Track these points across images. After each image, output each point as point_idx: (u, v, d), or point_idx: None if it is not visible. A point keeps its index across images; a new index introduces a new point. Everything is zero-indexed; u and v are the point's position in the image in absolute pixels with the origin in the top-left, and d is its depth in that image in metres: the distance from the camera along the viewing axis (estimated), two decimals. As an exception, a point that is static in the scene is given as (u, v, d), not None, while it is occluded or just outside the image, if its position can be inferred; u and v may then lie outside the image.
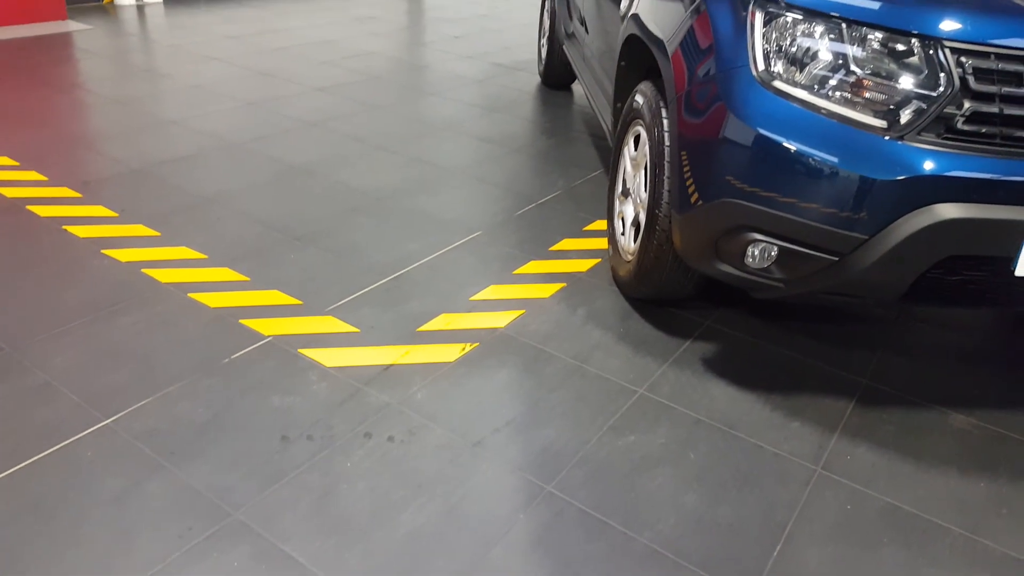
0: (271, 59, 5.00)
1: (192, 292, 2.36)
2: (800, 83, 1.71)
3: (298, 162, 3.40)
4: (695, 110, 1.92)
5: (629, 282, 2.40)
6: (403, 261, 2.62)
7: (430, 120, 4.07)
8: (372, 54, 5.28)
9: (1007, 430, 1.99)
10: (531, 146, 3.80)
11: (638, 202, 2.35)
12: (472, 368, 2.09)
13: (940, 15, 1.63)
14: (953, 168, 1.60)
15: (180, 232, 2.72)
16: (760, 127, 1.73)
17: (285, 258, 2.60)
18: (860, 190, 1.64)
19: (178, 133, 3.65)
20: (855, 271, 1.71)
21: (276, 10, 6.45)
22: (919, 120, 1.62)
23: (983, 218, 1.60)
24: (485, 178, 3.36)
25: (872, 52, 1.67)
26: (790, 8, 1.73)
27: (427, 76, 4.89)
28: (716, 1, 1.92)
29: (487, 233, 2.86)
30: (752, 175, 1.77)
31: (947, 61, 1.61)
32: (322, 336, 2.19)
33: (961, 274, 1.73)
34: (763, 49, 1.76)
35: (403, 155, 3.56)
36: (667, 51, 2.08)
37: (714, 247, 1.92)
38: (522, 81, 4.91)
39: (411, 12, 6.88)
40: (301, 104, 4.17)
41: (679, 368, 2.16)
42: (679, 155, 1.99)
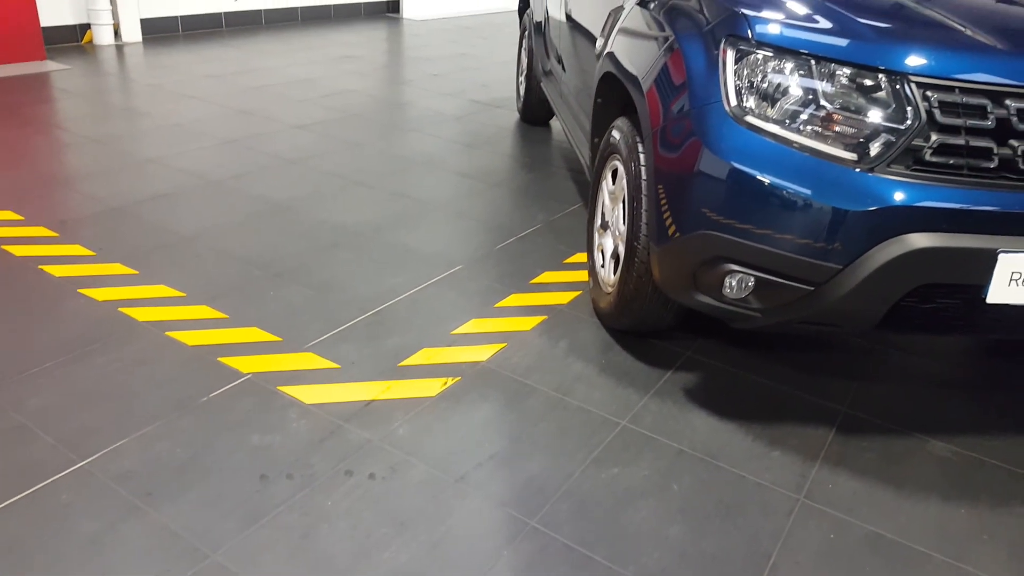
0: (250, 98, 5.02)
1: (170, 330, 2.34)
2: (772, 118, 1.76)
3: (277, 199, 3.40)
4: (671, 145, 1.96)
5: (610, 314, 2.41)
6: (384, 296, 2.62)
7: (410, 156, 4.10)
8: (351, 92, 5.33)
9: (985, 456, 2.01)
10: (511, 181, 3.84)
11: (617, 235, 2.38)
12: (454, 402, 2.09)
13: (906, 51, 1.69)
14: (922, 199, 1.64)
15: (158, 270, 2.71)
16: (734, 161, 1.77)
17: (264, 295, 2.59)
18: (833, 221, 1.67)
19: (156, 171, 3.65)
20: (830, 300, 1.74)
21: (255, 50, 6.50)
22: (888, 152, 1.66)
23: (953, 247, 1.64)
24: (465, 212, 3.38)
25: (841, 87, 1.72)
26: (760, 46, 1.78)
27: (406, 113, 4.94)
28: (689, 40, 1.97)
29: (468, 267, 2.87)
30: (727, 208, 1.80)
31: (914, 95, 1.66)
32: (302, 373, 2.17)
33: (935, 302, 1.77)
34: (735, 85, 1.80)
35: (383, 191, 3.58)
36: (642, 88, 2.13)
37: (692, 278, 1.94)
38: (501, 118, 4.97)
39: (390, 51, 6.96)
40: (280, 142, 4.19)
41: (661, 399, 2.16)
42: (656, 189, 2.02)
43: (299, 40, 7.03)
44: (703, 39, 1.92)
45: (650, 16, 2.26)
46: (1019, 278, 1.67)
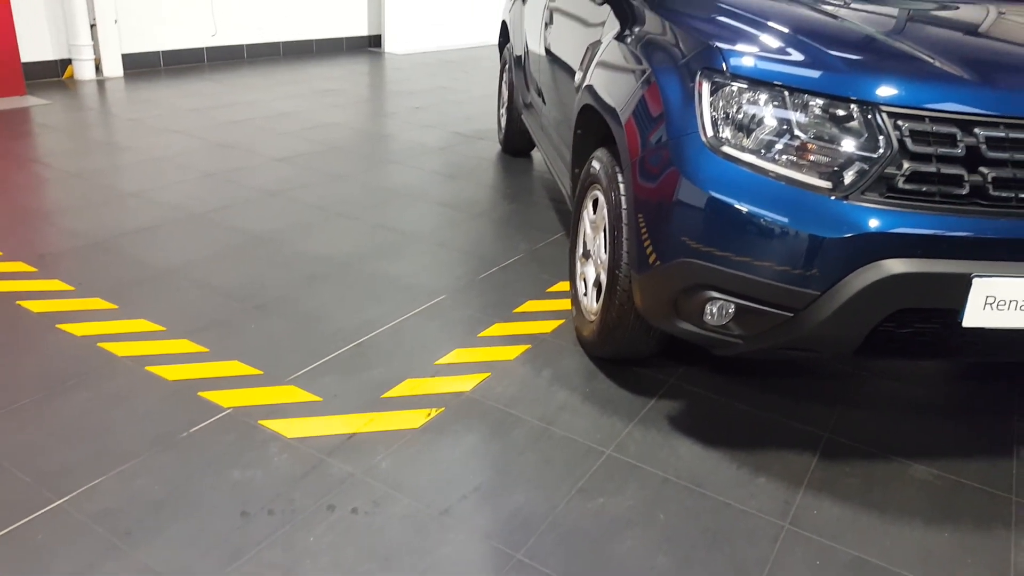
0: (232, 131, 5.04)
1: (150, 365, 2.32)
2: (748, 148, 1.79)
3: (259, 231, 3.40)
4: (649, 175, 1.99)
5: (593, 342, 2.42)
6: (366, 327, 2.61)
7: (392, 187, 4.11)
8: (333, 125, 5.36)
9: (966, 479, 2.03)
10: (493, 211, 3.86)
11: (599, 263, 2.39)
12: (438, 434, 2.07)
13: (876, 82, 1.73)
14: (897, 225, 1.67)
15: (138, 305, 2.69)
16: (711, 190, 1.80)
17: (246, 328, 2.57)
18: (810, 248, 1.70)
19: (137, 205, 3.64)
20: (810, 326, 1.75)
21: (237, 84, 6.53)
22: (862, 180, 1.70)
23: (928, 272, 1.67)
24: (448, 243, 3.40)
25: (814, 118, 1.75)
26: (735, 78, 1.82)
27: (388, 145, 4.97)
28: (665, 72, 2.01)
29: (451, 297, 2.87)
30: (706, 236, 1.82)
31: (885, 125, 1.70)
32: (283, 406, 2.15)
33: (912, 327, 1.79)
34: (711, 116, 1.84)
35: (365, 222, 3.59)
36: (620, 120, 2.16)
37: (674, 306, 1.96)
38: (483, 149, 5.01)
39: (372, 85, 7.02)
40: (262, 175, 4.19)
41: (645, 427, 2.16)
42: (636, 218, 2.04)
43: (281, 74, 7.08)
44: (679, 72, 1.96)
45: (627, 50, 2.30)
46: (993, 302, 1.70)
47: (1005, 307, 1.70)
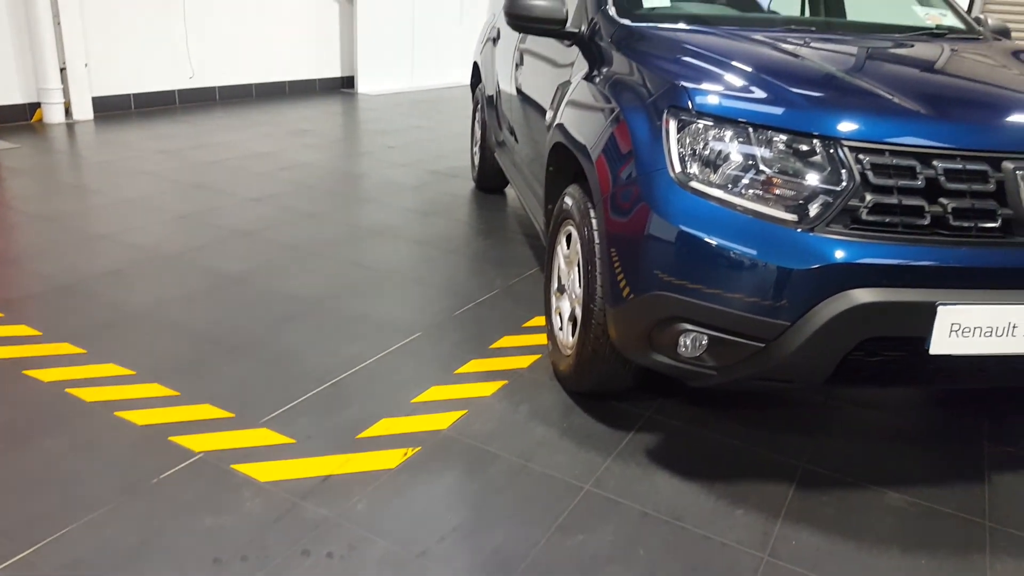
0: (204, 172, 5.03)
1: (119, 410, 2.28)
2: (715, 183, 1.83)
3: (231, 272, 3.38)
4: (621, 210, 2.02)
5: (570, 376, 2.42)
6: (341, 367, 2.59)
7: (366, 226, 4.12)
8: (307, 165, 5.37)
9: (939, 505, 2.05)
10: (467, 247, 3.87)
11: (574, 298, 2.41)
12: (415, 474, 2.05)
13: (838, 117, 1.79)
14: (862, 256, 1.71)
15: (107, 348, 2.64)
16: (681, 224, 1.83)
17: (217, 370, 2.54)
18: (778, 279, 1.73)
19: (107, 248, 3.60)
20: (781, 356, 1.78)
21: (209, 125, 6.53)
22: (826, 213, 1.74)
23: (894, 301, 1.70)
24: (423, 280, 3.40)
25: (778, 153, 1.80)
26: (700, 115, 1.87)
27: (362, 184, 4.99)
28: (633, 111, 2.05)
29: (426, 334, 2.87)
30: (678, 269, 1.85)
31: (847, 159, 1.75)
32: (256, 449, 2.12)
33: (881, 355, 1.82)
34: (678, 153, 1.88)
35: (339, 260, 3.58)
36: (591, 157, 2.20)
37: (648, 338, 1.98)
38: (456, 186, 5.05)
39: (345, 125, 7.06)
40: (234, 215, 4.18)
41: (623, 461, 2.16)
42: (609, 252, 2.07)
43: (254, 116, 7.10)
44: (647, 110, 2.00)
45: (596, 89, 2.35)
46: (959, 329, 1.74)
47: (970, 334, 1.74)
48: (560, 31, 2.71)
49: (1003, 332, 1.75)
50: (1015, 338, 1.76)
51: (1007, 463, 2.25)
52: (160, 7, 6.90)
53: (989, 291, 1.75)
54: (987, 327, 1.74)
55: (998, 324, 1.74)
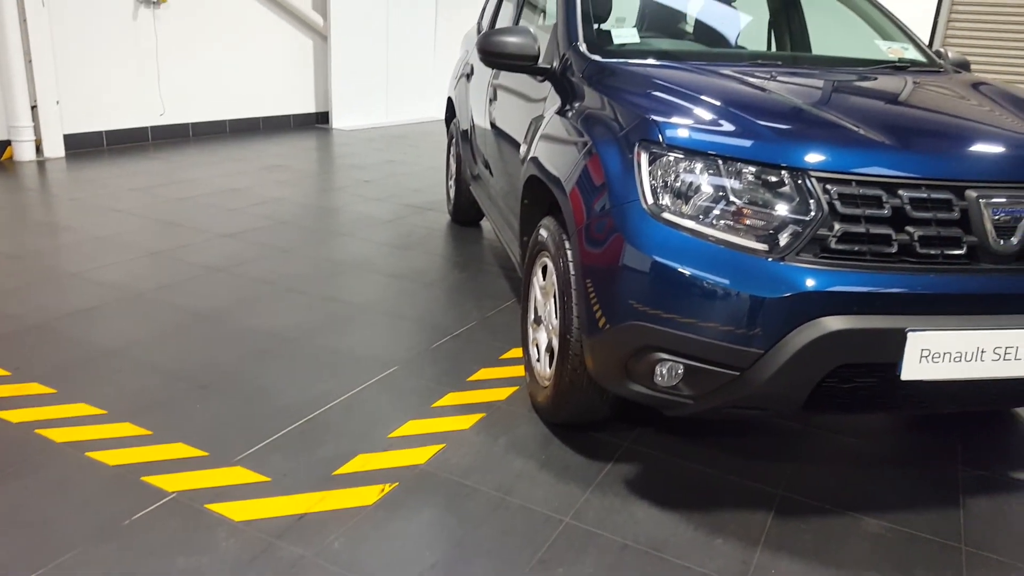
0: (176, 209, 5.00)
1: (90, 451, 2.23)
2: (687, 214, 1.86)
3: (204, 308, 3.34)
4: (595, 241, 2.04)
5: (548, 407, 2.42)
6: (316, 402, 2.57)
7: (341, 260, 4.11)
8: (280, 200, 5.36)
9: (916, 530, 2.06)
10: (444, 280, 3.88)
11: (550, 329, 2.42)
12: (392, 510, 2.03)
13: (805, 149, 1.83)
14: (832, 284, 1.74)
15: (78, 388, 2.59)
16: (655, 255, 1.85)
17: (191, 408, 2.50)
18: (751, 308, 1.75)
19: (78, 286, 3.55)
20: (756, 384, 1.79)
21: (181, 162, 6.51)
22: (796, 242, 1.77)
23: (864, 328, 1.73)
24: (399, 313, 3.39)
25: (748, 184, 1.84)
26: (671, 148, 1.90)
27: (337, 218, 4.98)
28: (605, 144, 2.09)
29: (403, 368, 2.85)
30: (652, 299, 1.87)
31: (815, 189, 1.79)
32: (230, 488, 2.09)
33: (853, 381, 1.84)
34: (650, 185, 1.91)
35: (313, 295, 3.56)
36: (565, 190, 2.22)
37: (625, 368, 1.99)
38: (432, 220, 5.06)
39: (320, 160, 7.08)
40: (207, 251, 4.15)
41: (602, 492, 2.15)
42: (584, 283, 2.08)
43: (228, 152, 7.08)
44: (618, 143, 2.04)
45: (569, 124, 2.39)
46: (928, 355, 1.77)
47: (940, 359, 1.77)
48: (533, 67, 2.75)
49: (972, 357, 1.78)
50: (983, 363, 1.79)
51: (981, 486, 2.28)
52: (132, 44, 6.91)
53: (957, 317, 1.79)
54: (956, 352, 1.77)
55: (967, 349, 1.77)
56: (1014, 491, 2.27)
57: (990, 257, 1.82)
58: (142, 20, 6.95)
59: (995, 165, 1.87)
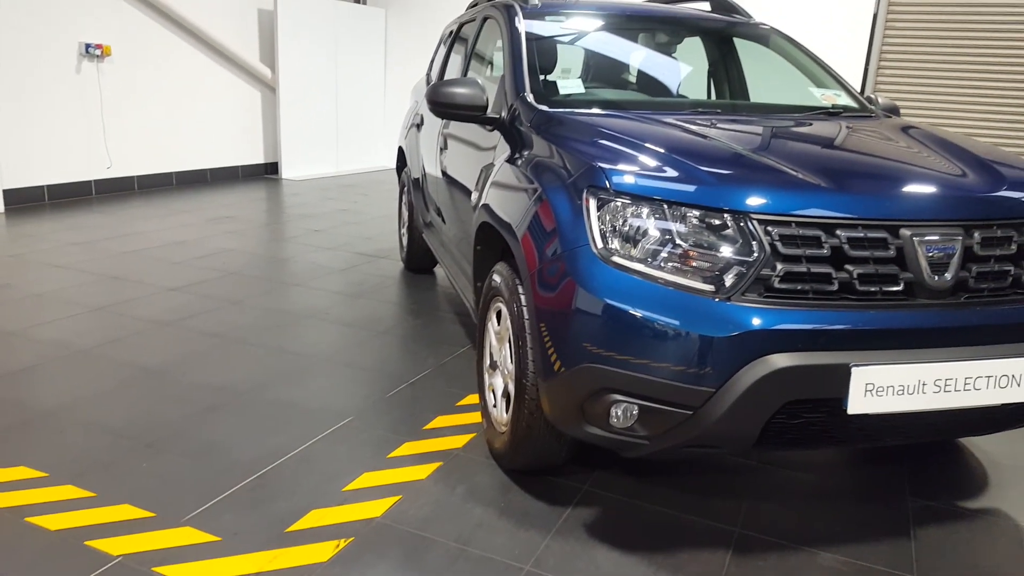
0: (121, 263, 4.89)
1: (30, 516, 2.13)
2: (635, 257, 1.90)
3: (150, 364, 3.26)
4: (548, 286, 2.06)
5: (506, 453, 2.41)
6: (268, 457, 2.51)
7: (292, 310, 4.06)
8: (230, 251, 5.29)
9: (871, 563, 2.09)
10: (398, 327, 3.86)
11: (506, 374, 2.42)
12: (348, 566, 1.98)
13: (746, 193, 1.90)
14: (777, 322, 1.79)
15: (16, 451, 2.49)
16: (606, 298, 1.88)
17: (136, 468, 2.42)
18: (701, 348, 1.79)
19: (17, 345, 3.43)
20: (709, 422, 1.82)
21: (128, 215, 6.39)
22: (741, 282, 1.83)
23: (810, 364, 1.78)
24: (353, 363, 3.35)
25: (693, 227, 1.89)
26: (618, 194, 1.95)
27: (288, 268, 4.94)
28: (554, 191, 2.13)
29: (358, 418, 2.81)
30: (605, 341, 1.89)
31: (757, 231, 1.85)
32: (179, 550, 2.01)
33: (802, 417, 1.89)
34: (600, 229, 1.95)
35: (264, 347, 3.50)
36: (517, 235, 2.25)
37: (580, 411, 2.00)
38: (385, 268, 5.05)
39: (270, 210, 7.03)
40: (154, 305, 4.06)
41: (563, 538, 2.14)
42: (539, 327, 2.10)
43: (175, 204, 6.99)
44: (567, 190, 2.08)
45: (519, 171, 2.43)
46: (873, 389, 1.82)
47: (884, 393, 1.83)
48: (482, 117, 2.81)
49: (914, 390, 1.84)
50: (925, 395, 1.85)
51: (930, 516, 2.33)
52: (76, 98, 6.82)
53: (899, 351, 1.85)
54: (899, 385, 1.83)
55: (909, 382, 1.83)
56: (962, 520, 2.32)
57: (926, 292, 1.90)
58: (86, 73, 6.88)
59: (926, 205, 1.96)
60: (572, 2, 3.48)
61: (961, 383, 1.86)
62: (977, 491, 2.49)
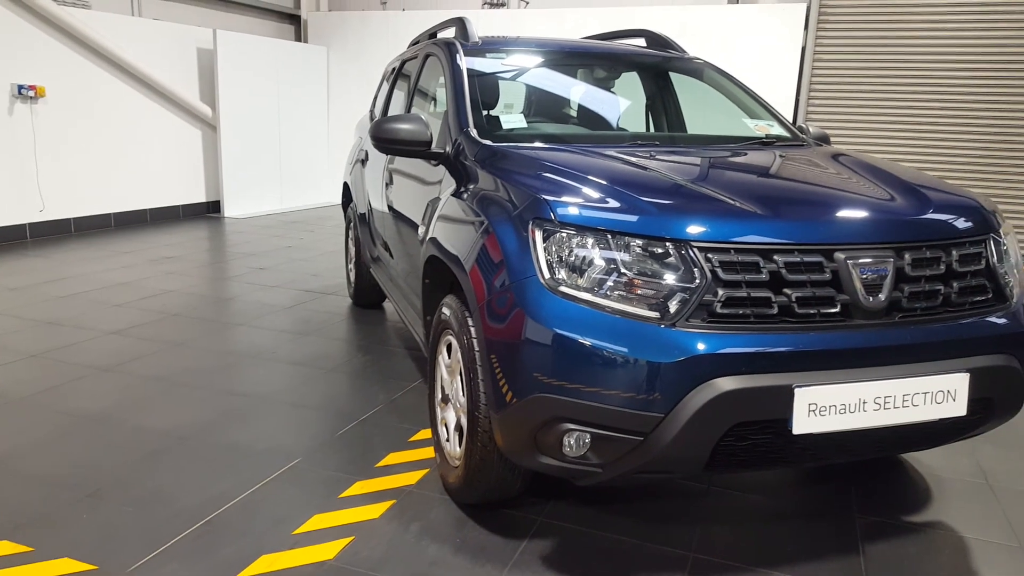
0: (59, 308, 4.73)
1: (-42, 577, 2.03)
2: (582, 286, 1.93)
3: (91, 411, 3.15)
4: (497, 317, 2.07)
5: (460, 488, 2.39)
6: (215, 502, 2.44)
7: (237, 351, 3.98)
8: (172, 292, 5.17)
9: (823, 579, 2.13)
10: (347, 364, 3.81)
11: (458, 407, 2.41)
12: (302, 611, 1.93)
13: (686, 222, 1.95)
14: (721, 346, 1.83)
15: (-56, 508, 2.37)
16: (555, 327, 1.90)
17: (77, 519, 2.32)
18: (649, 374, 1.82)
19: (-56, 395, 3.28)
20: (659, 448, 1.85)
21: (63, 259, 6.20)
22: (685, 308, 1.87)
23: (754, 387, 1.83)
24: (301, 402, 3.29)
25: (636, 256, 1.93)
26: (563, 225, 1.99)
27: (232, 308, 4.84)
28: (501, 223, 2.15)
29: (307, 459, 2.76)
30: (556, 370, 1.91)
31: (698, 258, 1.90)
32: (124, 604, 1.93)
33: (750, 439, 1.92)
34: (546, 260, 1.98)
35: (209, 389, 3.42)
36: (465, 267, 2.26)
37: (534, 441, 2.00)
38: (333, 304, 4.99)
39: (212, 249, 6.90)
40: (93, 350, 3.93)
41: (519, 572, 2.12)
42: (489, 359, 2.10)
43: (114, 246, 6.81)
44: (513, 222, 2.11)
45: (465, 204, 2.45)
46: (816, 408, 1.87)
47: (827, 412, 1.88)
48: (426, 152, 2.83)
49: (855, 408, 1.90)
50: (866, 413, 1.91)
51: (877, 532, 2.39)
52: (8, 139, 6.62)
53: (840, 371, 1.91)
54: (840, 404, 1.89)
55: (850, 401, 1.89)
56: (908, 534, 2.39)
57: (862, 313, 1.97)
58: (19, 115, 6.70)
59: (859, 229, 2.04)
60: (512, 39, 3.55)
61: (900, 400, 1.93)
62: (921, 505, 2.57)
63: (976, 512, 2.53)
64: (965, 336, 2.04)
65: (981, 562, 2.25)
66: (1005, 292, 2.17)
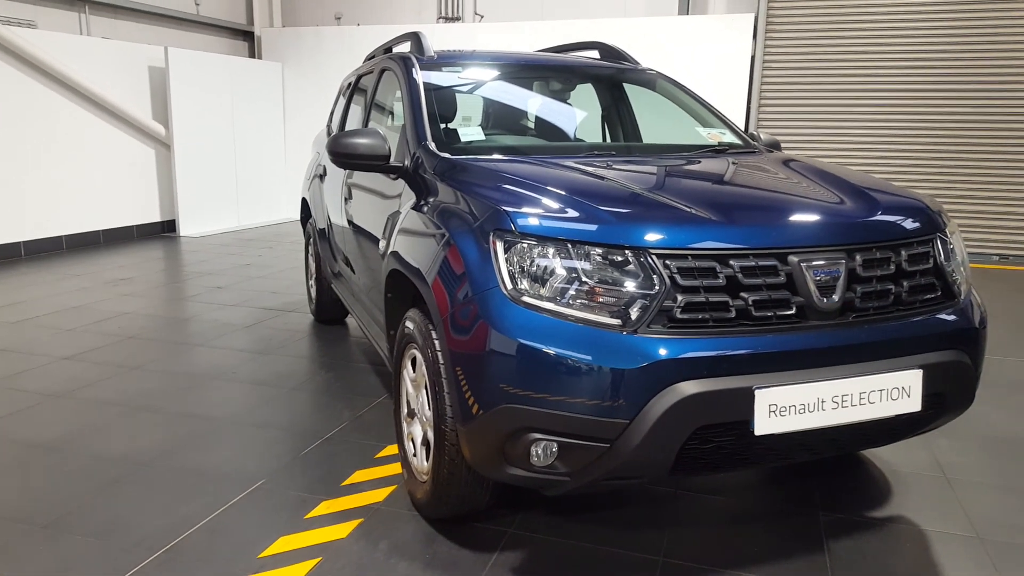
0: (8, 334, 4.59)
1: (-94, 618, 1.95)
2: (544, 296, 1.94)
3: (44, 439, 3.05)
4: (461, 329, 2.07)
5: (428, 503, 2.37)
6: (176, 528, 2.38)
7: (196, 372, 3.90)
8: (127, 314, 5.06)
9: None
10: (310, 382, 3.76)
11: (424, 421, 2.40)
12: (269, 635, 1.89)
13: (643, 230, 1.98)
14: (682, 351, 1.86)
15: None
16: (519, 337, 1.91)
17: (30, 552, 2.25)
18: (613, 381, 1.84)
19: None
20: (625, 454, 1.86)
21: (14, 283, 6.03)
22: (646, 315, 1.89)
23: (716, 390, 1.85)
24: (263, 422, 3.24)
25: (597, 265, 1.95)
26: (524, 236, 2.00)
27: (190, 329, 4.75)
28: (462, 235, 2.16)
29: (271, 480, 2.71)
30: (521, 380, 1.91)
31: (656, 265, 1.93)
32: (84, 637, 1.88)
33: (713, 441, 1.95)
34: (508, 271, 1.99)
35: (168, 412, 3.35)
36: (427, 280, 2.26)
37: (501, 452, 2.00)
38: (294, 321, 4.93)
39: (168, 270, 6.77)
40: (44, 377, 3.82)
41: (490, 585, 2.12)
42: (454, 371, 2.10)
43: (66, 268, 6.64)
44: (474, 234, 2.11)
45: (426, 217, 2.45)
46: (776, 409, 1.91)
47: (787, 413, 1.92)
48: (385, 166, 2.82)
49: (814, 408, 1.94)
50: (825, 412, 1.95)
51: (841, 528, 2.44)
52: (-49, 162, 6.44)
53: (798, 372, 1.95)
54: (800, 404, 1.92)
55: (808, 401, 1.93)
56: (870, 529, 2.44)
57: (817, 314, 2.01)
58: (-39, 136, 6.51)
59: (811, 232, 2.09)
60: (468, 53, 3.57)
61: (857, 398, 1.97)
62: (881, 500, 2.63)
63: (935, 505, 2.59)
64: (917, 334, 2.10)
65: (942, 554, 2.30)
66: (953, 290, 2.24)
